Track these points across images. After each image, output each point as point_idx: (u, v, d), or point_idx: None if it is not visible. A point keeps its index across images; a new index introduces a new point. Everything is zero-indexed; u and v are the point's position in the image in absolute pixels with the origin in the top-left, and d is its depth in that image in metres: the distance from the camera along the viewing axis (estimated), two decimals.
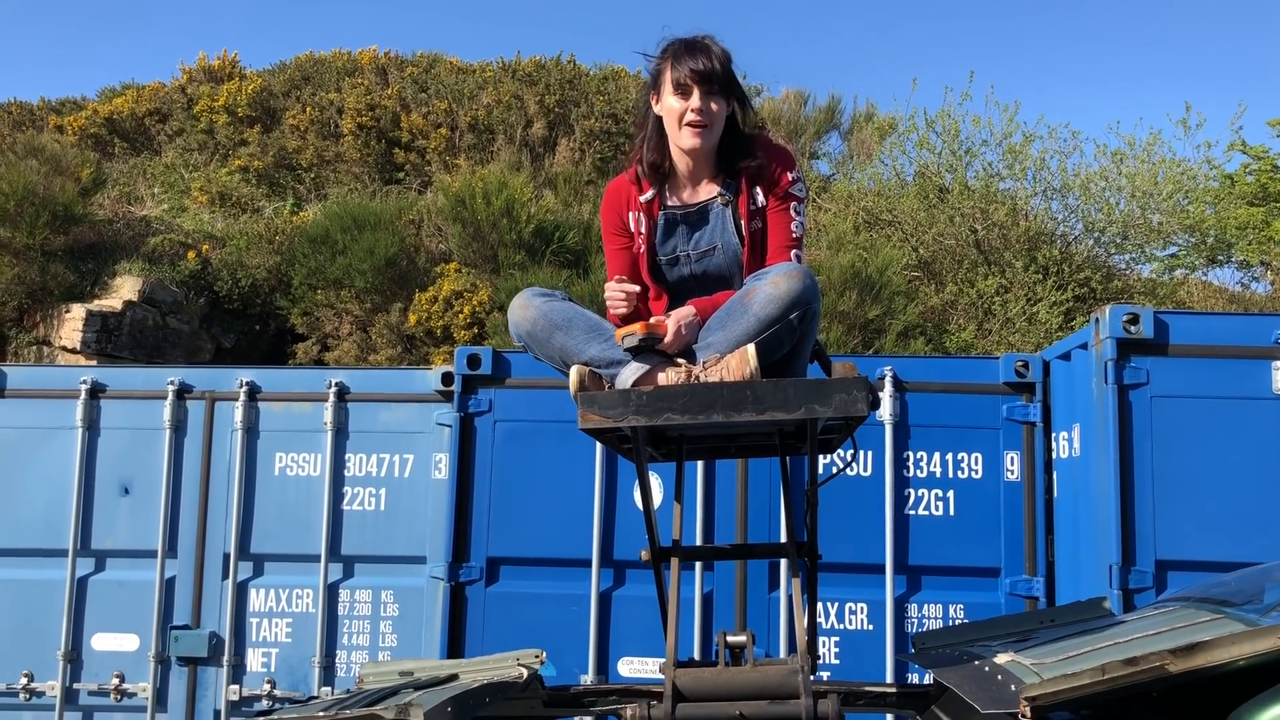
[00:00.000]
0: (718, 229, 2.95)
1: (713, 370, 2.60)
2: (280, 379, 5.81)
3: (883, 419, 5.28)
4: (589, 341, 2.74)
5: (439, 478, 5.51)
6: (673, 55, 2.90)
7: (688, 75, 2.84)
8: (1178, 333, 4.76)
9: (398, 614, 5.52)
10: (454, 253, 11.17)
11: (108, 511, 5.65)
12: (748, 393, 2.47)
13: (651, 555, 2.98)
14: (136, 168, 13.52)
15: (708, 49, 2.88)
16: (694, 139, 2.87)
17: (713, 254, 2.95)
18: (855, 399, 2.47)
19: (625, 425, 2.54)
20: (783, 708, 2.53)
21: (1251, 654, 2.12)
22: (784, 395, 2.47)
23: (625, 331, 2.66)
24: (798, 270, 2.66)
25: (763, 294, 2.63)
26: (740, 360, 2.56)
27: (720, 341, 2.67)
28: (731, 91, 2.91)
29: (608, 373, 2.71)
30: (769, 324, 2.62)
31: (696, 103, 2.84)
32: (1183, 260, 13.41)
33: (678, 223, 2.97)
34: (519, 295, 2.83)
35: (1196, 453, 4.67)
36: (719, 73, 2.86)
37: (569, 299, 2.84)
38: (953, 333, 10.82)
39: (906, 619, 5.17)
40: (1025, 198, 12.06)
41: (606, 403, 2.53)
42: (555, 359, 2.80)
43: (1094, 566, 4.81)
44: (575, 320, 2.77)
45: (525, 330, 2.79)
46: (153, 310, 10.66)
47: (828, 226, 11.75)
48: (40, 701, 5.53)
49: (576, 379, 2.66)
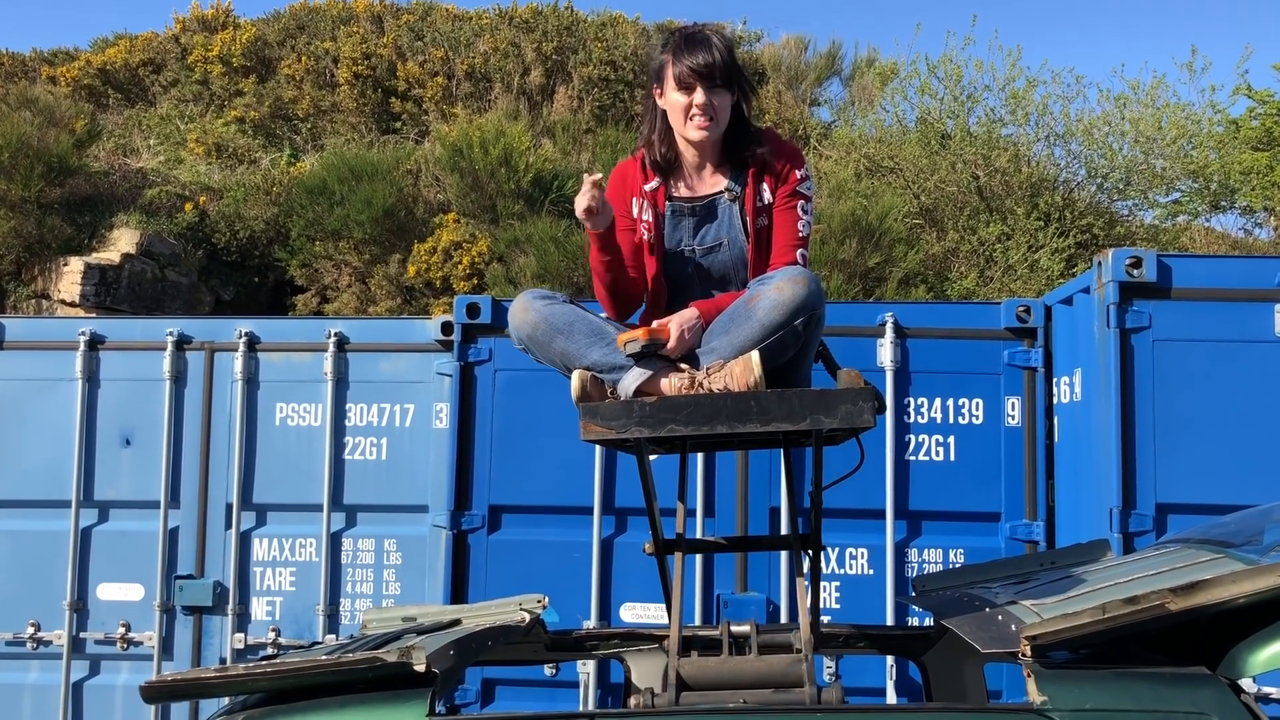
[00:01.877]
0: (724, 224, 2.93)
1: (716, 377, 2.58)
2: (279, 329, 5.80)
3: (883, 365, 5.27)
4: (591, 346, 2.71)
5: (440, 427, 5.52)
6: (674, 49, 2.86)
7: (690, 70, 2.81)
8: (1180, 276, 4.74)
9: (401, 562, 5.55)
10: (452, 203, 11.10)
11: (110, 463, 5.67)
12: (752, 404, 2.46)
13: (655, 548, 3.00)
14: (131, 119, 13.41)
15: (709, 42, 2.85)
16: (700, 131, 2.85)
17: (718, 250, 2.93)
18: (861, 410, 2.46)
19: (629, 437, 2.54)
20: (786, 696, 2.55)
21: (1251, 592, 2.12)
22: (789, 406, 2.46)
23: (628, 337, 2.64)
24: (802, 275, 2.63)
25: (767, 299, 2.61)
26: (744, 368, 2.54)
27: (724, 347, 2.65)
28: (736, 83, 2.87)
29: (610, 378, 2.69)
30: (773, 330, 2.60)
31: (700, 98, 2.82)
32: (1185, 206, 13.32)
33: (684, 215, 2.94)
34: (519, 298, 2.80)
35: (1198, 396, 4.66)
36: (722, 66, 2.82)
37: (570, 301, 2.80)
38: (954, 280, 10.78)
39: (907, 564, 5.20)
40: (1028, 144, 11.96)
41: (609, 414, 2.52)
42: (556, 363, 2.77)
43: (1094, 510, 4.82)
44: (576, 324, 2.73)
45: (526, 334, 2.76)
46: (151, 263, 10.62)
47: (829, 174, 11.66)
48: (47, 651, 5.58)
49: (578, 384, 2.64)
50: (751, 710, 2.29)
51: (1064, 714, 2.10)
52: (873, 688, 5.08)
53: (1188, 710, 2.10)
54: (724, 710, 2.37)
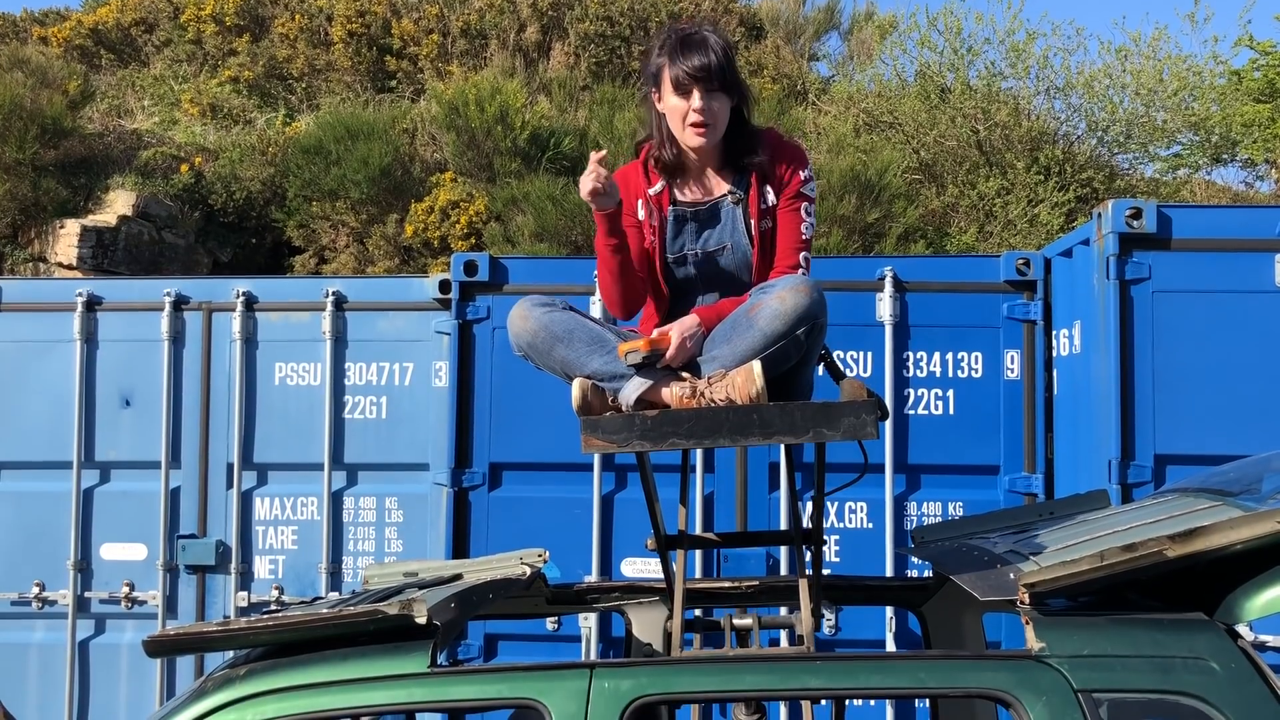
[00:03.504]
0: (728, 228, 2.90)
1: (718, 386, 2.57)
2: (277, 288, 5.79)
3: (882, 320, 5.27)
4: (591, 354, 2.69)
5: (439, 385, 5.52)
6: (670, 52, 2.82)
7: (686, 73, 2.78)
8: (1180, 227, 4.72)
9: (402, 520, 5.58)
10: (449, 162, 11.04)
11: (110, 423, 5.68)
12: (754, 417, 2.46)
13: (657, 543, 3.02)
14: (125, 80, 13.30)
15: (706, 43, 2.81)
16: (699, 138, 2.82)
17: (722, 253, 2.91)
18: (864, 423, 2.45)
19: (631, 450, 2.54)
20: None
21: (1249, 538, 2.13)
22: (791, 419, 2.46)
23: (628, 348, 2.62)
24: (805, 285, 2.62)
25: (769, 309, 2.59)
26: (746, 378, 2.52)
27: (725, 356, 2.64)
28: (733, 85, 2.84)
29: (611, 386, 2.68)
30: (775, 340, 2.58)
31: (698, 102, 2.79)
32: (1186, 160, 13.24)
33: (687, 220, 2.92)
34: (518, 305, 2.78)
35: (1197, 347, 4.66)
36: (719, 68, 2.79)
37: (569, 308, 2.78)
38: (953, 235, 10.74)
39: (906, 517, 5.22)
40: (1028, 97, 11.87)
41: (610, 428, 2.52)
42: (557, 370, 2.76)
43: (1093, 462, 4.83)
44: (576, 332, 2.71)
45: (526, 342, 2.74)
46: (148, 225, 10.58)
47: (827, 129, 11.59)
48: (53, 610, 5.62)
49: (579, 394, 2.62)
50: (750, 658, 2.30)
51: (1061, 660, 2.11)
52: (873, 640, 5.12)
53: (1185, 655, 2.11)
54: (722, 658, 2.39)
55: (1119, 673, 2.10)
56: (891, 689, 2.28)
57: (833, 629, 5.16)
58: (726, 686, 2.19)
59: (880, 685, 2.23)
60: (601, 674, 2.18)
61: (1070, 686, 2.08)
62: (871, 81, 13.11)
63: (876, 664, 2.23)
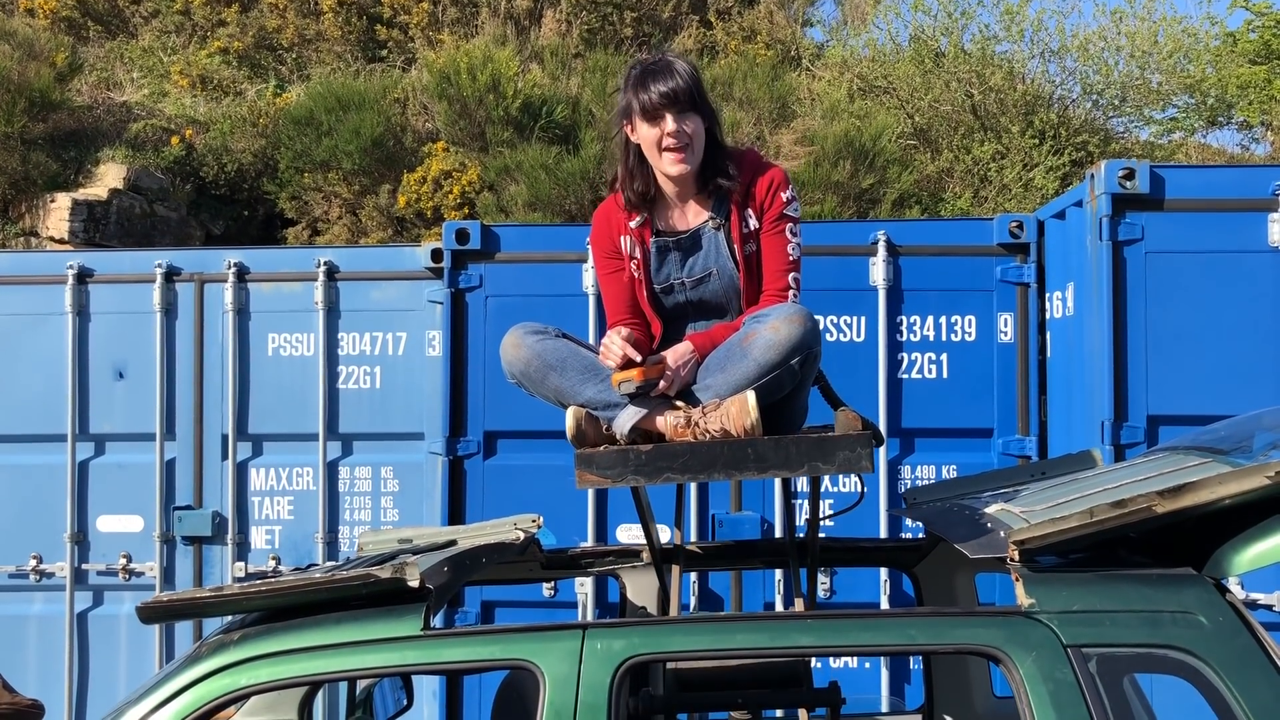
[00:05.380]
0: (711, 254, 2.90)
1: (713, 416, 2.58)
2: (268, 259, 5.79)
3: (876, 284, 5.26)
4: (584, 383, 2.70)
5: (433, 354, 5.52)
6: (636, 82, 2.82)
7: (656, 99, 2.77)
8: (1174, 187, 4.71)
9: (398, 489, 5.59)
10: (441, 131, 10.97)
11: (104, 396, 5.68)
12: (749, 451, 2.49)
13: (652, 559, 3.05)
14: (113, 51, 13.18)
15: (671, 68, 2.81)
16: (677, 165, 2.81)
17: (708, 280, 2.90)
18: (859, 456, 2.47)
19: (625, 485, 2.57)
20: (784, 695, 2.59)
21: (1237, 493, 2.14)
22: (786, 454, 2.48)
23: (622, 377, 2.63)
24: (798, 315, 2.62)
25: (763, 339, 2.60)
26: (740, 409, 2.54)
27: (720, 384, 2.64)
28: (703, 107, 2.84)
29: (605, 415, 2.69)
30: (769, 369, 2.59)
31: (670, 126, 2.78)
32: (1182, 123, 13.19)
33: (670, 249, 2.91)
34: (510, 334, 2.79)
35: (1190, 307, 4.66)
36: (686, 91, 2.79)
37: (562, 335, 2.79)
38: (948, 201, 10.70)
39: (899, 481, 5.23)
40: (1022, 61, 11.80)
41: (604, 462, 2.54)
42: (550, 399, 2.77)
43: (1086, 424, 4.84)
44: (569, 361, 2.72)
45: (519, 370, 2.76)
46: (139, 198, 10.51)
47: (821, 95, 11.52)
48: (50, 582, 5.64)
49: (573, 423, 2.65)
50: (744, 618, 2.31)
51: (1051, 615, 2.12)
52: (866, 602, 5.14)
53: (1173, 610, 2.12)
54: (715, 618, 2.40)
55: (1108, 627, 2.11)
56: (882, 645, 2.29)
57: (827, 592, 5.19)
58: (719, 645, 2.20)
59: (871, 642, 2.24)
60: (594, 634, 2.19)
61: (1060, 641, 2.09)
62: (865, 46, 13.03)
63: (867, 621, 2.24)
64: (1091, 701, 2.04)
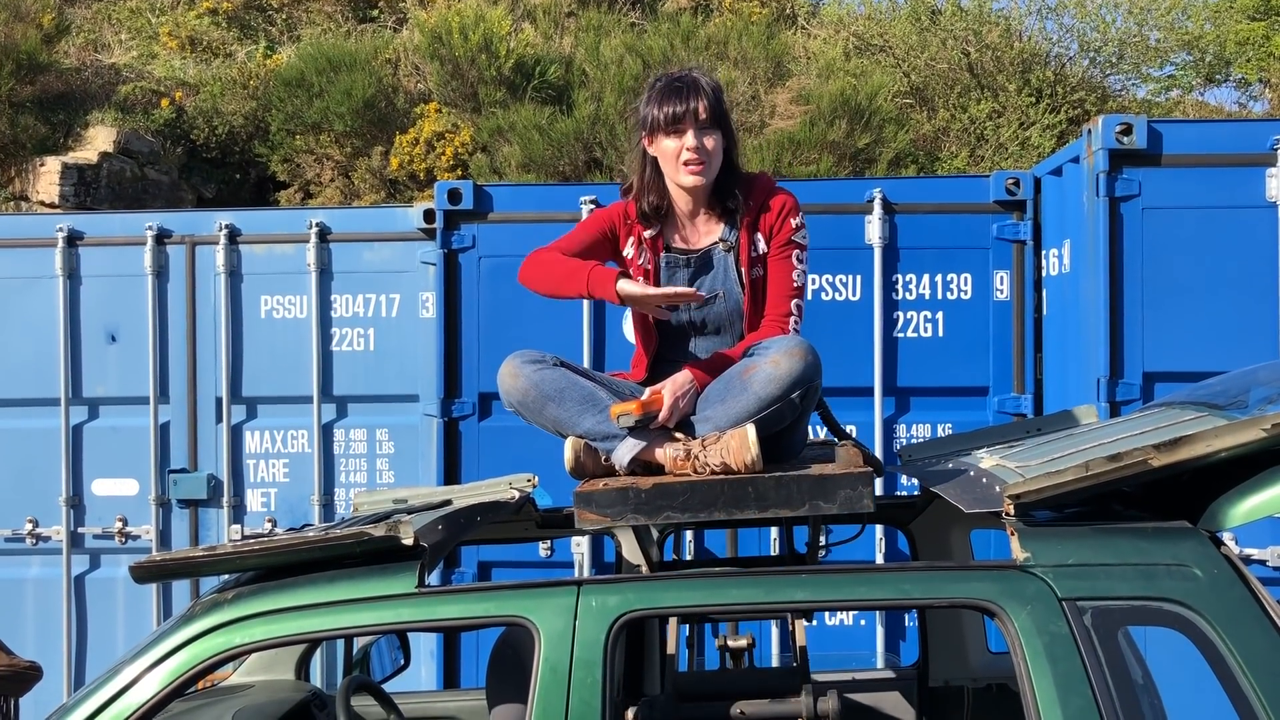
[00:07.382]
0: (720, 276, 2.90)
1: (713, 449, 2.57)
2: (260, 220, 5.74)
3: (871, 242, 5.23)
4: (583, 414, 2.69)
5: (427, 316, 5.49)
6: (660, 95, 2.83)
7: (679, 114, 2.78)
8: (1171, 142, 4.67)
9: (393, 451, 5.59)
10: (433, 92, 10.87)
11: (96, 359, 5.65)
12: (750, 490, 2.47)
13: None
14: (101, 13, 13.03)
15: (696, 85, 2.82)
16: (694, 177, 2.82)
17: (714, 302, 2.90)
18: (860, 495, 2.46)
19: (625, 525, 2.55)
20: (783, 706, 2.58)
21: (1233, 445, 2.13)
22: (787, 493, 2.47)
23: (621, 410, 2.62)
24: (799, 348, 2.61)
25: (763, 373, 2.59)
26: (740, 444, 2.52)
27: (719, 417, 2.64)
28: (725, 125, 2.85)
29: (604, 446, 2.68)
30: (769, 404, 2.59)
31: (691, 141, 2.78)
32: (1179, 80, 13.11)
33: (679, 267, 2.92)
34: (507, 363, 2.77)
35: (1187, 263, 4.64)
36: (710, 107, 2.80)
37: (560, 364, 2.77)
38: (945, 160, 10.64)
39: (895, 439, 5.23)
40: (1019, 18, 11.72)
41: (604, 501, 2.53)
42: (549, 428, 2.77)
43: (1082, 381, 4.84)
44: (568, 391, 2.70)
45: (516, 400, 2.75)
46: (130, 161, 10.43)
47: (817, 54, 11.43)
48: (47, 546, 5.65)
49: (572, 455, 2.66)
50: (738, 573, 2.31)
51: (1046, 569, 2.12)
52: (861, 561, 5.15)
53: (1168, 563, 2.12)
54: (709, 573, 2.39)
55: (1103, 581, 2.10)
56: (876, 600, 2.29)
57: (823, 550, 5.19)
58: (713, 600, 2.20)
59: (865, 596, 2.24)
60: (589, 590, 2.19)
61: (1055, 595, 2.09)
62: (861, 4, 12.92)
63: (861, 575, 2.24)
64: (1086, 654, 2.04)
